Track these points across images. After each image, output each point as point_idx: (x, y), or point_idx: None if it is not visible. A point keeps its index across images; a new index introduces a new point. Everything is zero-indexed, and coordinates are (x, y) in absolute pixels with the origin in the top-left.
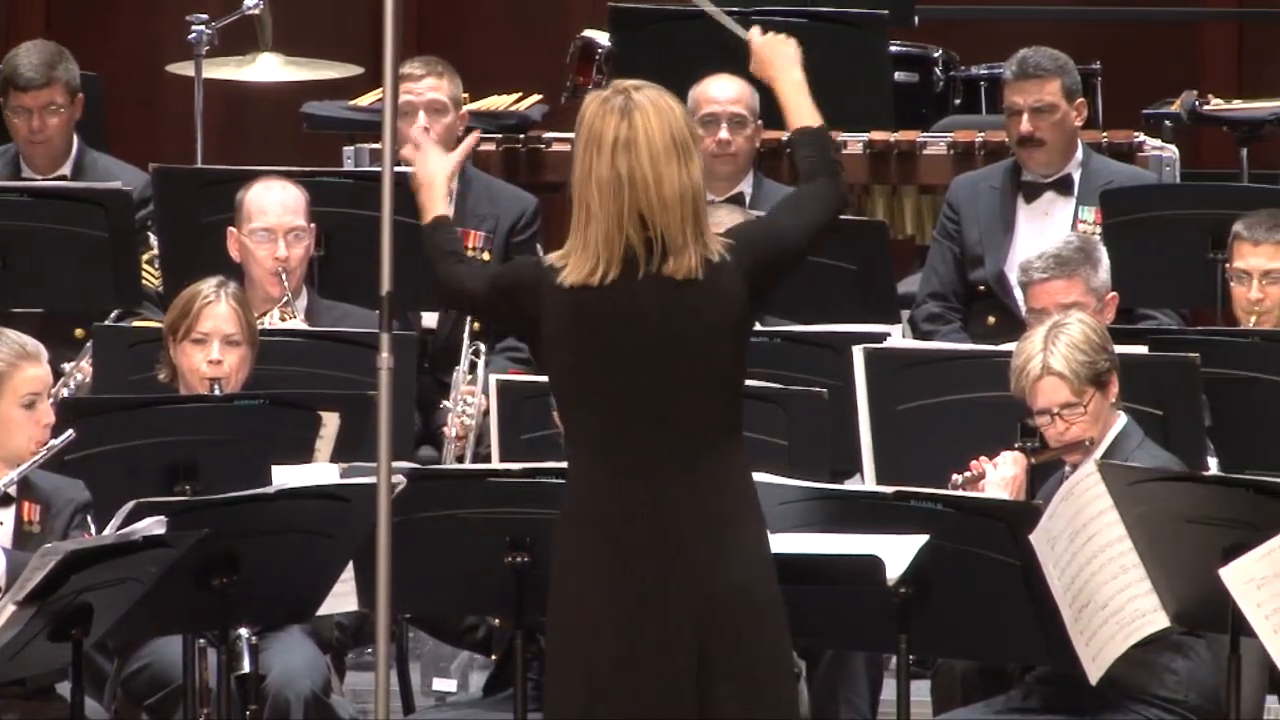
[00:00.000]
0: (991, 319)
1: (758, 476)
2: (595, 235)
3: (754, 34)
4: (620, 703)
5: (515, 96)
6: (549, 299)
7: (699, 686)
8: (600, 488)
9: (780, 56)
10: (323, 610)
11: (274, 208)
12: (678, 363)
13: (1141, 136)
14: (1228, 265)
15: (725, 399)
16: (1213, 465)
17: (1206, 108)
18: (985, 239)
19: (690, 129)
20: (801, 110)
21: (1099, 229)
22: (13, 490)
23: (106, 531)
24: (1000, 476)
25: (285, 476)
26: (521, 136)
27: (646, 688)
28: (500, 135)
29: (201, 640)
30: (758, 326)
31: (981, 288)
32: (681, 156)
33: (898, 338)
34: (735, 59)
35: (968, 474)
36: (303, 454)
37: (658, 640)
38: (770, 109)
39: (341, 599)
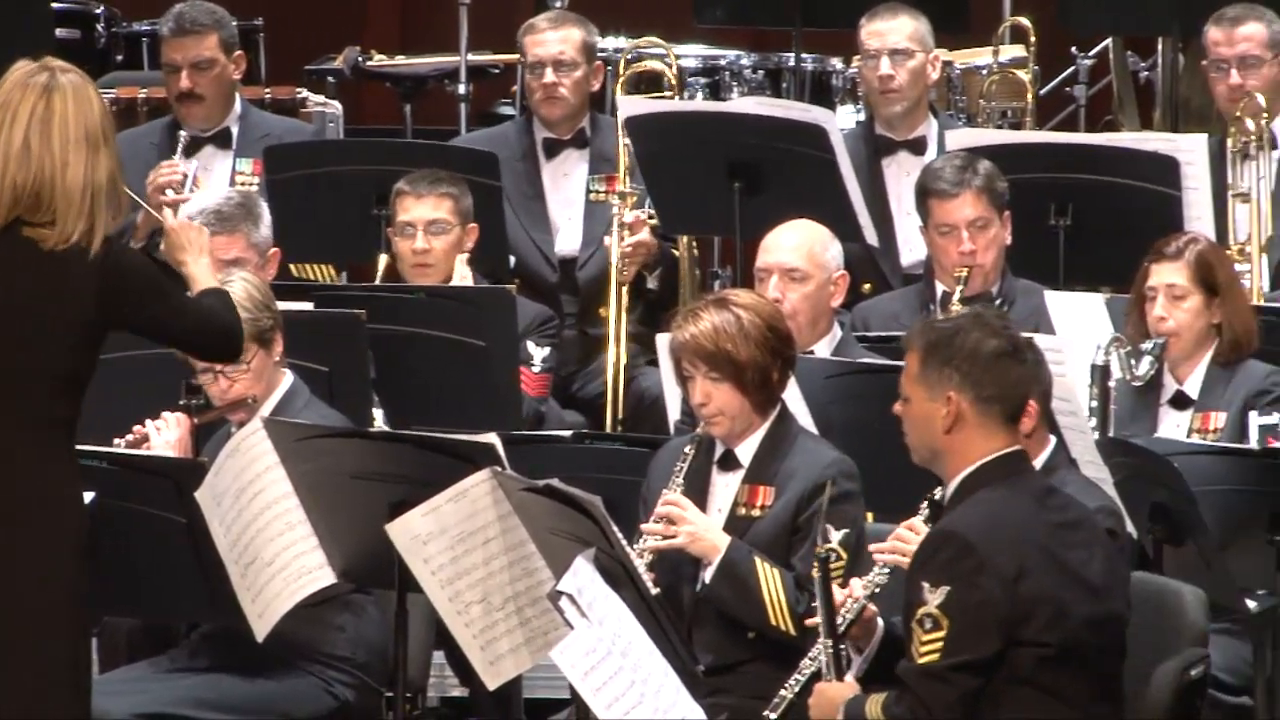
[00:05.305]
0: None
1: None
2: None
3: (167, 215)
4: None
5: None
6: None
7: None
8: None
9: (194, 244)
10: None
11: None
12: (19, 337)
13: (305, 92)
14: (390, 223)
15: (57, 388)
16: (379, 420)
17: (370, 64)
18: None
19: (105, 124)
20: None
21: (257, 181)
22: None
23: None
24: (164, 440)
25: None
26: None
27: None
28: None
29: None
30: None
31: None
32: (91, 149)
33: None
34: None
35: (130, 437)
36: None
37: None
38: None
39: None
